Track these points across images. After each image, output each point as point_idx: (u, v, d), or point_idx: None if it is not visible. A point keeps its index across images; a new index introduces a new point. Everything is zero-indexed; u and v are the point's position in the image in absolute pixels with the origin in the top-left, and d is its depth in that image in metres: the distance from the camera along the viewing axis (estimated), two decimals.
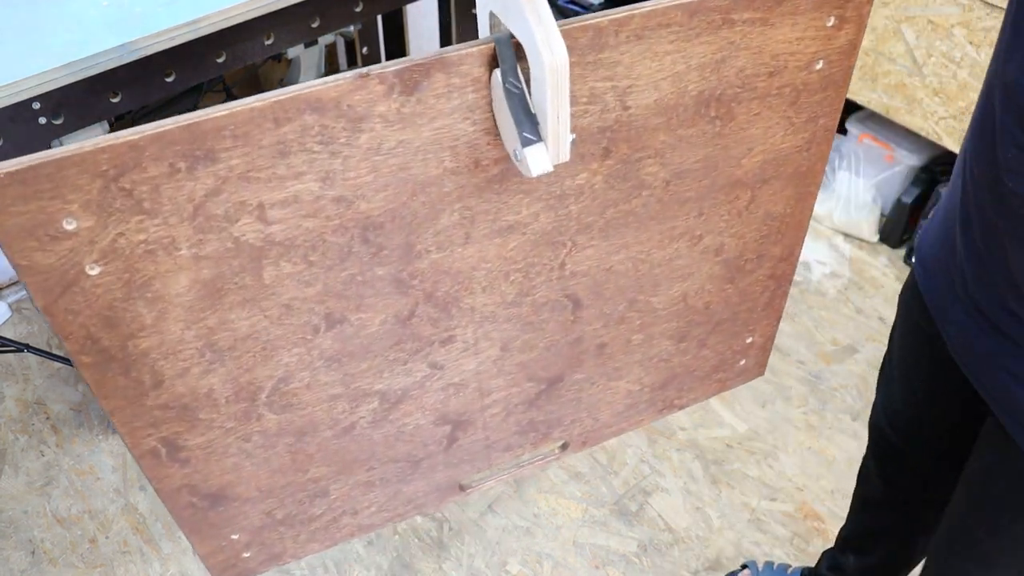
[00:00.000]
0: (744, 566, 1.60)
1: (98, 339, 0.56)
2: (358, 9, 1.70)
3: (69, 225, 0.50)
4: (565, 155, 0.55)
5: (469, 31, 1.93)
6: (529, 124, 0.53)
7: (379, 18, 2.32)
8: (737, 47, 0.63)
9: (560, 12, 2.66)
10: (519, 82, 0.53)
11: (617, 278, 0.74)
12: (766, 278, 0.85)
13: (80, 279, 0.53)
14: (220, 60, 1.54)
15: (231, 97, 1.98)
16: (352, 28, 2.22)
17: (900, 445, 1.15)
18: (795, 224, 0.83)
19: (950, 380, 0.94)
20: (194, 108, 2.00)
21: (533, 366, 0.77)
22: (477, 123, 0.57)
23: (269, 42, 1.59)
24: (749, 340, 0.92)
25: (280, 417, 0.68)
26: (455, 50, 0.54)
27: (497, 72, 0.54)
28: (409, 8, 2.30)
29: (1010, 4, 0.69)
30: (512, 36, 0.54)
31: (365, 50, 2.36)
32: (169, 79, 1.50)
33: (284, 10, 1.54)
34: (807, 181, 0.77)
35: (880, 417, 1.17)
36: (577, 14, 2.69)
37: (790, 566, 1.58)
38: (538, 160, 0.54)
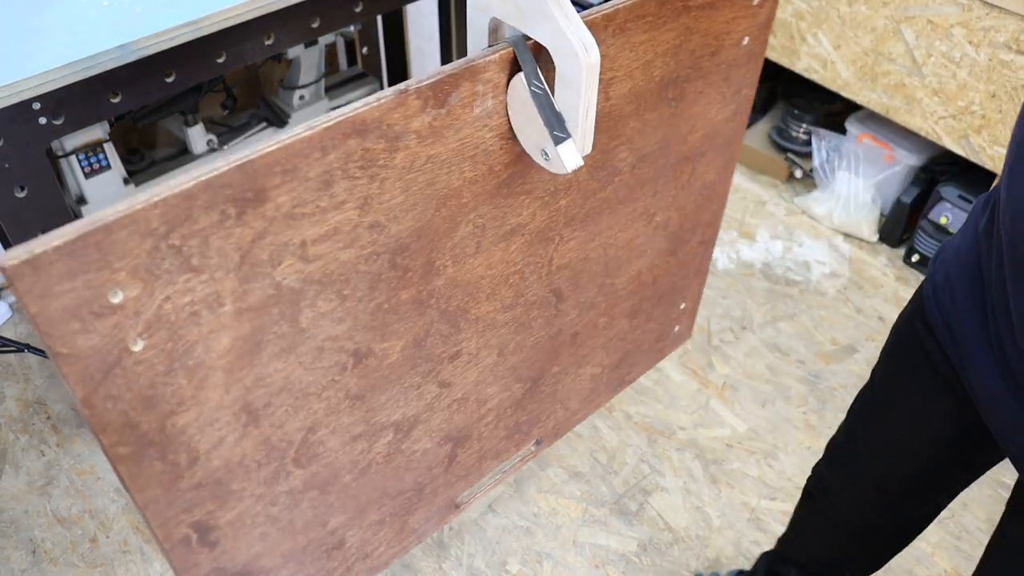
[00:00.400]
0: None
1: (137, 424, 0.52)
2: (358, 9, 1.70)
3: (115, 298, 0.47)
4: (589, 148, 0.58)
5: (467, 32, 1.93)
6: (558, 123, 0.55)
7: (379, 18, 2.32)
8: (691, 31, 0.68)
9: None
10: (542, 83, 0.55)
11: (590, 265, 0.78)
12: (698, 244, 0.91)
13: (123, 358, 0.49)
14: (220, 60, 1.54)
15: (231, 97, 1.98)
16: (352, 28, 2.22)
17: (886, 513, 1.09)
18: (721, 191, 0.88)
19: (962, 419, 0.89)
20: (195, 109, 2.00)
21: (521, 367, 0.80)
22: (494, 129, 0.59)
23: (269, 42, 1.59)
24: (682, 306, 1.00)
25: (306, 471, 0.68)
26: (480, 57, 0.55)
27: (518, 76, 0.55)
28: (409, 8, 2.30)
29: None
30: (529, 39, 0.55)
31: (365, 50, 2.36)
32: (169, 79, 1.50)
33: (284, 10, 1.54)
34: (732, 148, 0.83)
35: (855, 492, 1.07)
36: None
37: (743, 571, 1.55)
38: (570, 156, 0.56)
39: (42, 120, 1.38)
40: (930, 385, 0.89)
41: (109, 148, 1.78)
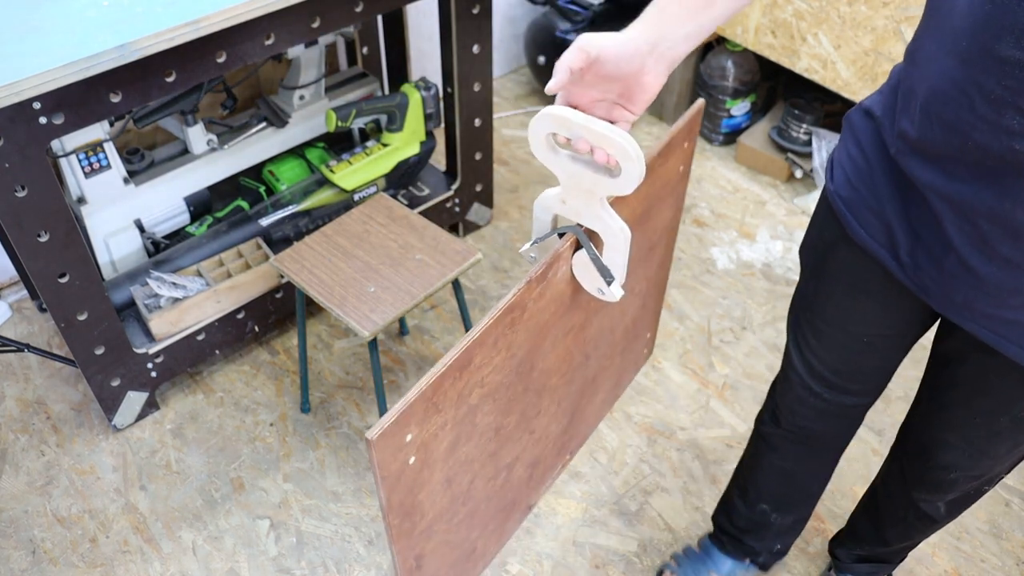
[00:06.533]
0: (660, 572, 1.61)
1: (403, 503, 0.88)
2: (358, 9, 1.70)
3: (408, 437, 0.82)
4: (623, 282, 0.95)
5: (468, 32, 1.93)
6: (607, 273, 0.92)
7: (379, 18, 2.32)
8: (655, 181, 1.04)
9: (560, 12, 2.66)
10: (595, 251, 0.91)
11: (603, 332, 1.16)
12: (657, 293, 1.33)
13: (405, 470, 0.85)
14: (220, 60, 1.54)
15: (231, 97, 1.98)
16: (352, 28, 2.22)
17: (836, 394, 1.20)
18: (668, 254, 1.29)
19: (901, 318, 1.05)
20: (195, 108, 2.00)
21: (567, 408, 1.18)
22: (566, 282, 0.96)
23: (269, 42, 1.59)
24: (648, 335, 1.40)
25: (466, 508, 1.03)
26: (560, 244, 0.91)
27: (580, 251, 0.92)
28: (409, 8, 2.30)
29: None
30: (582, 227, 0.90)
31: (365, 50, 2.36)
32: (169, 79, 1.50)
33: (284, 10, 1.54)
34: (675, 225, 1.23)
35: (808, 377, 1.20)
36: (577, 14, 2.68)
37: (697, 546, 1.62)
38: (617, 291, 0.93)
39: (42, 120, 1.38)
40: (863, 286, 1.04)
41: (109, 148, 1.78)
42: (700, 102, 1.08)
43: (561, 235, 0.92)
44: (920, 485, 1.23)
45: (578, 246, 0.91)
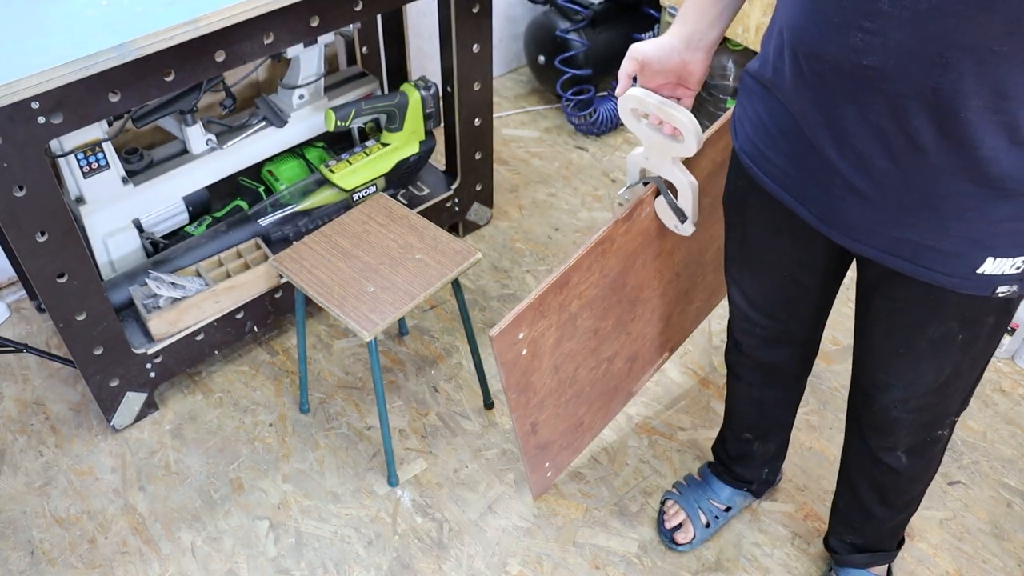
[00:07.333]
0: (663, 500, 1.70)
1: (519, 383, 1.20)
2: (358, 8, 1.69)
3: (520, 335, 1.14)
4: (696, 220, 1.25)
5: (468, 31, 1.93)
6: (681, 214, 1.21)
7: (379, 18, 2.31)
8: (714, 148, 1.32)
9: (560, 12, 2.66)
10: (671, 198, 1.20)
11: (691, 255, 1.44)
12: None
13: (519, 358, 1.17)
14: (219, 59, 1.54)
15: (231, 96, 1.98)
16: (352, 27, 2.22)
17: (774, 323, 1.31)
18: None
19: (815, 253, 1.16)
20: (194, 108, 1.99)
21: (664, 315, 1.48)
22: (650, 218, 1.26)
23: (268, 41, 1.59)
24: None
25: (573, 389, 1.34)
26: (644, 191, 1.22)
27: (659, 198, 1.23)
28: (409, 8, 2.30)
29: None
30: (662, 178, 1.21)
31: (365, 49, 2.35)
32: (168, 78, 1.49)
33: (283, 9, 1.53)
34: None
35: (747, 309, 1.32)
36: (577, 13, 2.68)
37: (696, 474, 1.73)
38: (689, 229, 1.24)
39: (41, 119, 1.38)
40: (775, 226, 1.15)
41: (108, 147, 1.77)
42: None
43: (645, 184, 1.19)
44: (873, 432, 1.29)
45: (658, 193, 1.20)
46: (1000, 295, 0.98)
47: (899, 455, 1.29)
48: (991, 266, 0.95)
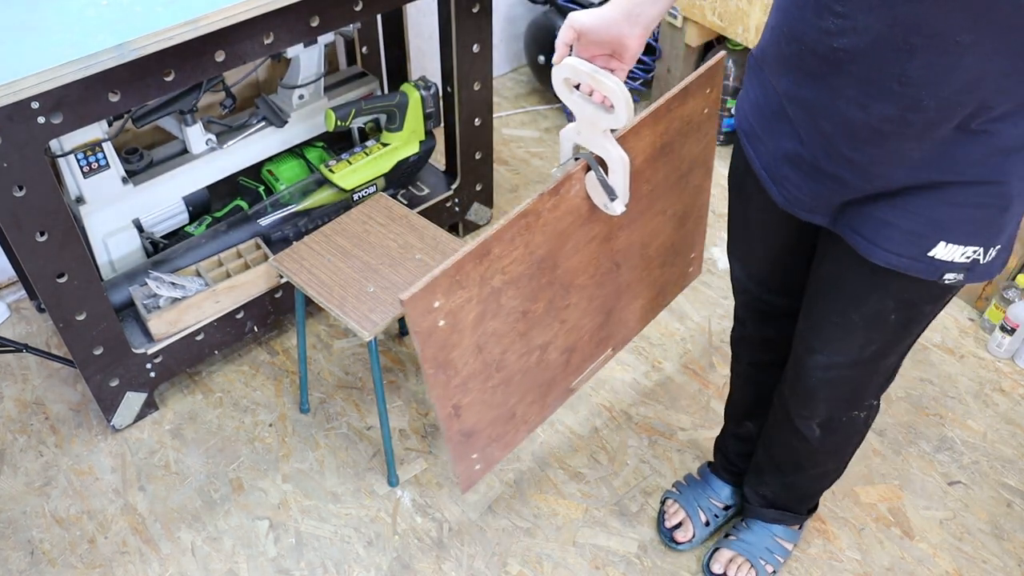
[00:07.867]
0: (663, 500, 1.70)
1: (436, 358, 1.11)
2: (358, 8, 1.69)
3: (436, 304, 1.05)
4: (627, 200, 1.15)
5: (468, 31, 1.93)
6: (611, 191, 1.12)
7: (379, 17, 2.31)
8: (674, 119, 1.23)
9: (560, 12, 2.66)
10: (601, 174, 1.12)
11: (633, 246, 1.35)
12: (697, 217, 1.49)
13: (435, 330, 1.08)
14: (219, 59, 1.53)
15: (231, 96, 1.98)
16: (351, 27, 2.22)
17: (771, 296, 1.36)
18: (706, 186, 1.46)
19: (801, 233, 1.20)
20: (194, 108, 1.99)
21: (600, 306, 1.38)
22: (580, 196, 1.15)
23: (268, 41, 1.59)
24: (692, 255, 1.58)
25: (500, 375, 1.25)
26: (572, 167, 1.12)
27: (590, 173, 1.13)
28: (409, 8, 2.30)
29: None
30: (593, 154, 1.11)
31: (365, 49, 2.35)
32: (168, 78, 1.49)
33: (283, 9, 1.53)
34: (708, 160, 1.40)
35: (747, 283, 1.38)
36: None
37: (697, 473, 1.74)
38: (619, 207, 1.14)
39: (40, 119, 1.38)
40: (765, 206, 1.18)
41: (108, 147, 1.77)
42: (721, 53, 1.24)
43: (576, 159, 1.14)
44: (794, 397, 1.33)
45: (588, 169, 1.13)
46: (946, 282, 1.02)
47: (813, 426, 1.34)
48: (943, 251, 0.98)
